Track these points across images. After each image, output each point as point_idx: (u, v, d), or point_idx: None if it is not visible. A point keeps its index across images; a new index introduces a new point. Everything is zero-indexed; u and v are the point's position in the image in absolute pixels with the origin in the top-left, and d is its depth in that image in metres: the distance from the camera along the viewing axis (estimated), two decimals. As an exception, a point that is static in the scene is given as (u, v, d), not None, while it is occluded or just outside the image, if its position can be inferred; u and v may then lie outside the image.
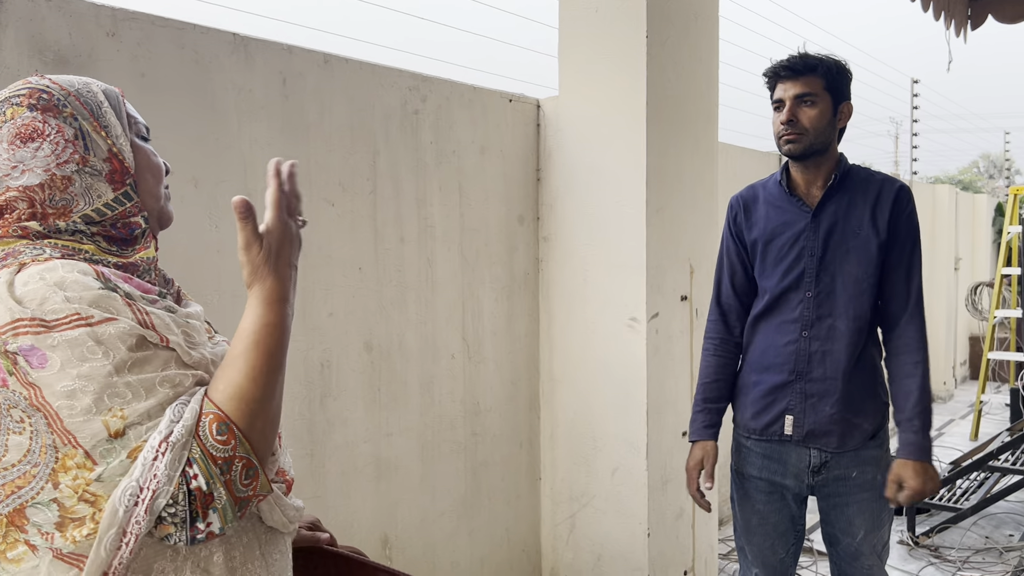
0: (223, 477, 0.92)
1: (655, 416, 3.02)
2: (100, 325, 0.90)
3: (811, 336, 2.07)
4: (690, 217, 3.19)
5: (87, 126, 1.02)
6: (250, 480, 0.95)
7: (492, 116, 3.04)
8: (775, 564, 2.18)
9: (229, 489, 0.92)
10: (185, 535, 0.91)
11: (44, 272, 0.91)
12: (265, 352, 0.97)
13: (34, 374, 0.88)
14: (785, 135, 2.05)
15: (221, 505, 0.92)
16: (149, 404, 0.91)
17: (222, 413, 0.94)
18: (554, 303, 3.23)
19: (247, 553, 1.05)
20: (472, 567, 2.99)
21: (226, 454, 0.92)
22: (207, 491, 0.91)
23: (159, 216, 1.13)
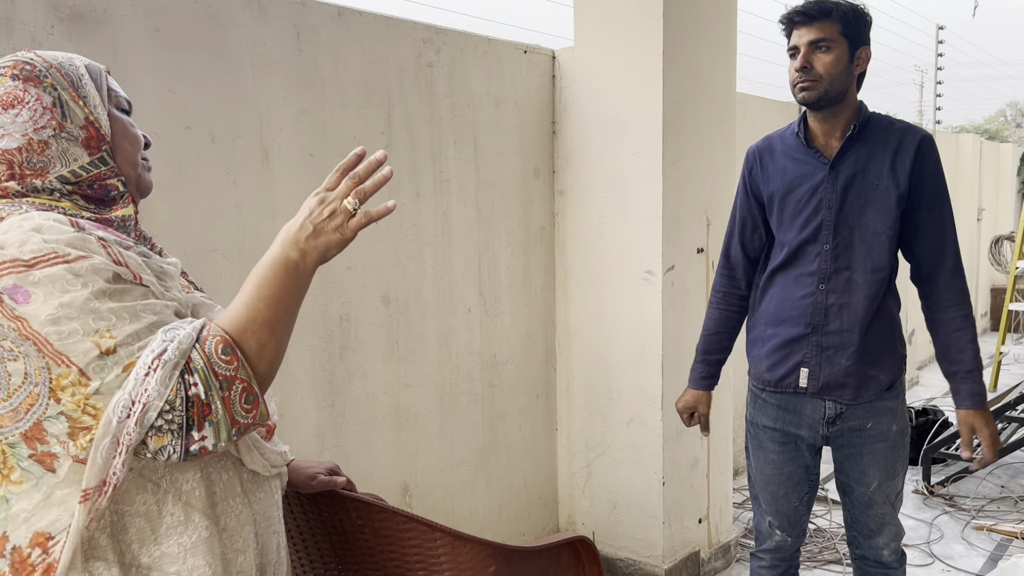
0: (222, 393, 0.97)
1: (671, 368, 3.05)
2: (77, 261, 0.95)
3: (828, 289, 2.06)
4: (707, 168, 3.16)
5: (65, 96, 1.08)
6: (250, 406, 1.00)
7: (507, 68, 3.01)
8: (788, 512, 2.21)
9: (227, 407, 0.98)
10: (180, 444, 0.95)
11: (22, 220, 0.97)
12: (283, 285, 1.04)
13: (19, 309, 0.93)
14: (799, 82, 2.01)
15: (217, 419, 0.97)
16: (137, 327, 0.97)
17: (228, 336, 1.00)
18: (570, 257, 3.23)
19: (227, 490, 1.10)
20: (490, 514, 3.06)
21: (228, 372, 0.98)
22: (205, 400, 0.96)
23: (137, 183, 1.17)
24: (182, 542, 1.04)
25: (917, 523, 3.84)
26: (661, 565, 3.10)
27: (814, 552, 3.47)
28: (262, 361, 1.02)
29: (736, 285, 2.27)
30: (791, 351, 2.10)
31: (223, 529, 1.09)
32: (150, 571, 1.03)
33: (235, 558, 1.10)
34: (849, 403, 2.07)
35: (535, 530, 3.28)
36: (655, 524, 3.11)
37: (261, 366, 1.02)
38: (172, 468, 1.04)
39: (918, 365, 7.10)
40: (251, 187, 2.23)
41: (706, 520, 3.32)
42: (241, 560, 1.11)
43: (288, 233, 1.06)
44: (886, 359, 2.08)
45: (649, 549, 3.13)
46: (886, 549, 2.15)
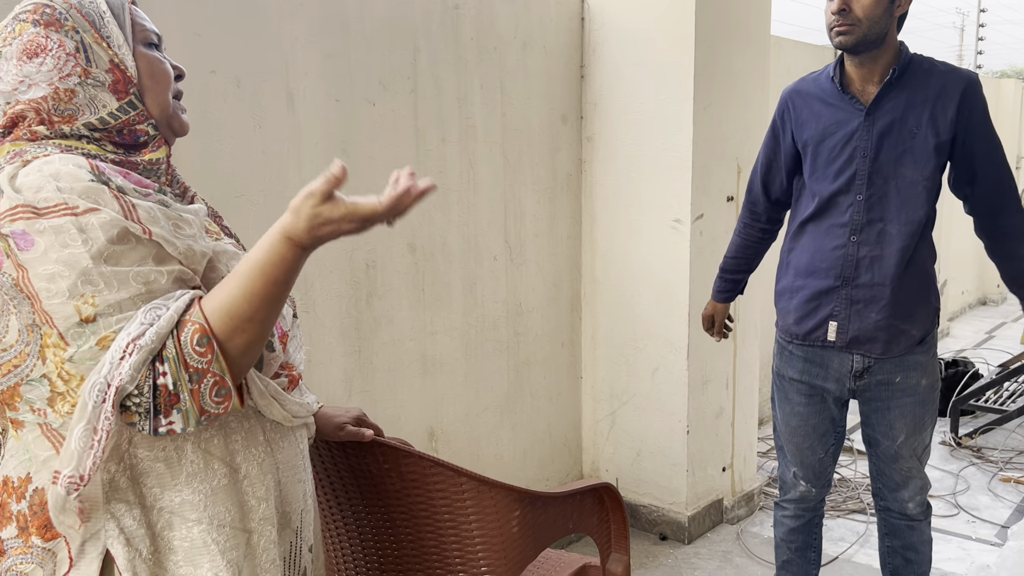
0: (191, 386, 0.95)
1: (697, 318, 3.03)
2: (84, 215, 0.94)
3: (860, 241, 2.01)
4: (739, 114, 3.09)
5: (88, 38, 1.05)
6: (220, 399, 0.98)
7: (535, 10, 2.94)
8: (814, 464, 2.20)
9: (195, 399, 0.96)
10: (149, 425, 0.95)
11: (43, 164, 0.96)
12: (269, 281, 0.99)
13: (21, 256, 0.94)
14: (836, 26, 1.91)
15: (185, 408, 0.96)
16: (120, 296, 0.95)
17: (207, 326, 0.96)
18: (597, 205, 3.20)
19: (249, 438, 1.10)
20: (515, 459, 3.10)
21: (200, 365, 0.96)
22: (172, 391, 0.94)
23: (169, 124, 1.14)
24: (202, 489, 1.05)
25: (943, 474, 3.83)
26: (684, 512, 3.13)
27: (838, 501, 3.48)
28: (242, 356, 1.00)
29: (757, 219, 2.31)
30: (820, 304, 2.07)
31: (244, 477, 1.09)
32: (172, 516, 1.04)
33: (257, 505, 1.10)
34: (878, 357, 2.04)
35: (559, 476, 3.32)
36: (679, 472, 3.13)
37: (240, 360, 1.00)
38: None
39: (949, 316, 7.02)
40: (277, 132, 2.22)
41: (730, 468, 3.33)
42: (263, 508, 1.11)
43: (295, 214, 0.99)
44: (919, 313, 2.04)
45: (672, 496, 3.16)
46: (911, 502, 2.15)
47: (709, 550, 3.12)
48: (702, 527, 3.22)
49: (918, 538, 2.19)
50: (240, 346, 0.99)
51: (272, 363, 1.13)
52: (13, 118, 1.05)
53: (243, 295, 0.98)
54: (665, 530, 3.19)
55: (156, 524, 1.04)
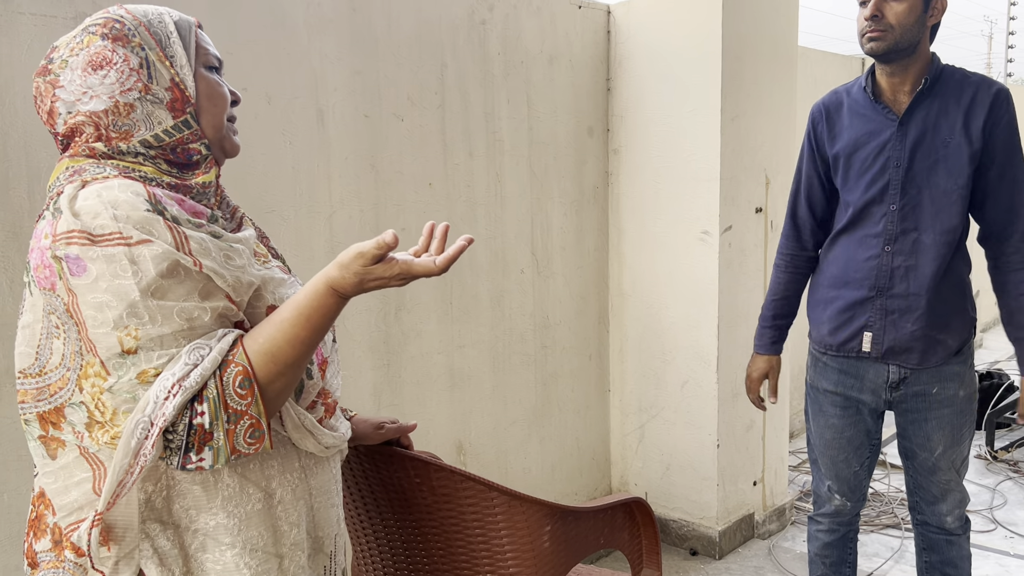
0: (227, 426, 0.97)
1: (726, 330, 3.00)
2: (137, 246, 0.95)
3: (894, 251, 1.99)
4: (767, 125, 3.08)
5: (153, 56, 1.07)
6: (254, 441, 1.00)
7: (561, 24, 2.95)
8: (848, 477, 2.17)
9: (229, 439, 0.97)
10: (177, 461, 0.96)
11: (102, 190, 0.97)
12: (312, 328, 1.02)
13: (73, 281, 0.95)
14: (868, 32, 1.91)
15: (217, 447, 0.97)
16: (162, 331, 0.96)
17: (251, 368, 0.98)
18: (624, 217, 3.19)
19: (285, 464, 1.11)
20: (543, 473, 3.08)
21: (239, 407, 0.98)
22: (208, 430, 0.96)
23: (221, 145, 1.15)
24: (237, 513, 1.05)
25: (980, 488, 3.75)
26: (715, 527, 3.10)
27: (872, 516, 3.43)
28: (278, 398, 1.02)
29: (803, 247, 2.21)
30: (854, 314, 2.05)
31: (279, 502, 1.10)
32: (206, 538, 1.04)
33: (289, 531, 1.11)
34: (914, 367, 2.01)
35: (588, 490, 3.30)
36: (709, 486, 3.09)
37: (274, 402, 1.02)
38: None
39: (982, 327, 6.90)
40: (307, 148, 2.24)
41: (761, 482, 3.29)
42: (295, 533, 1.12)
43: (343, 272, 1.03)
44: (955, 323, 2.01)
45: (703, 511, 3.13)
46: (950, 516, 2.11)
47: (740, 565, 3.08)
48: (733, 542, 3.18)
49: (957, 553, 2.14)
50: (278, 389, 1.01)
51: (310, 391, 1.13)
52: (72, 128, 1.06)
53: (286, 340, 1.01)
54: (695, 545, 3.15)
55: (190, 546, 1.04)
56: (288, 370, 1.01)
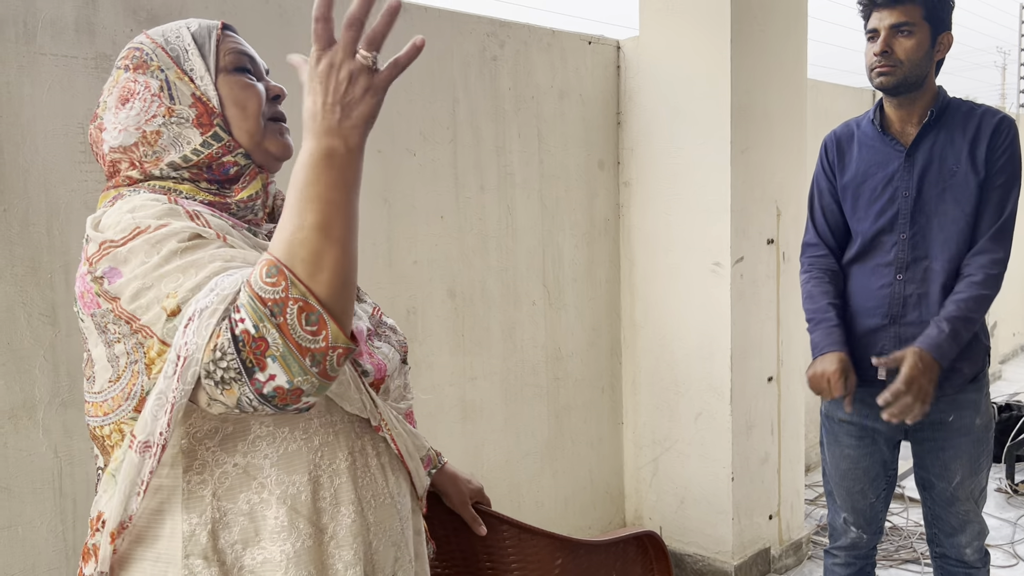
0: (275, 320, 0.82)
1: (739, 362, 2.99)
2: (157, 231, 0.92)
3: (906, 279, 2.00)
4: (777, 157, 3.09)
5: (172, 75, 1.03)
6: (314, 327, 0.84)
7: (571, 60, 2.99)
8: (864, 509, 2.15)
9: (285, 333, 0.82)
10: (250, 391, 0.84)
11: (123, 203, 0.96)
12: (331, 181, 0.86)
13: (112, 290, 0.92)
14: (878, 67, 1.96)
15: (280, 352, 0.83)
16: (199, 279, 0.89)
17: (272, 257, 0.85)
18: (635, 249, 3.20)
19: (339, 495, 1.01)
20: (556, 507, 3.06)
21: (276, 295, 0.83)
22: (256, 334, 0.82)
23: (263, 149, 1.07)
24: (285, 549, 0.96)
25: (1000, 523, 3.69)
26: (730, 561, 3.06)
27: (890, 551, 3.37)
28: (321, 271, 0.85)
29: (840, 265, 2.14)
30: (869, 343, 2.04)
31: (331, 538, 1.00)
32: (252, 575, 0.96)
33: (343, 571, 1.00)
34: (930, 396, 2.00)
35: (601, 524, 3.26)
36: (724, 520, 3.06)
37: (321, 277, 0.85)
38: (278, 468, 0.97)
39: (1001, 359, 6.82)
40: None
41: (777, 516, 3.25)
42: (349, 574, 1.00)
43: (316, 123, 0.88)
44: (969, 350, 2.00)
45: (718, 545, 3.09)
46: (969, 548, 2.08)
47: (757, 601, 3.03)
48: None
49: (977, 588, 2.11)
50: (308, 258, 0.84)
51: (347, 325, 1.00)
52: (112, 165, 1.04)
53: (294, 206, 0.86)
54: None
55: None
56: (313, 234, 0.85)
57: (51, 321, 1.78)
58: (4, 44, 1.70)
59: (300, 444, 0.99)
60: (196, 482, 0.96)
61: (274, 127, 1.08)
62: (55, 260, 1.79)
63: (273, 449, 0.98)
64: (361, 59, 0.87)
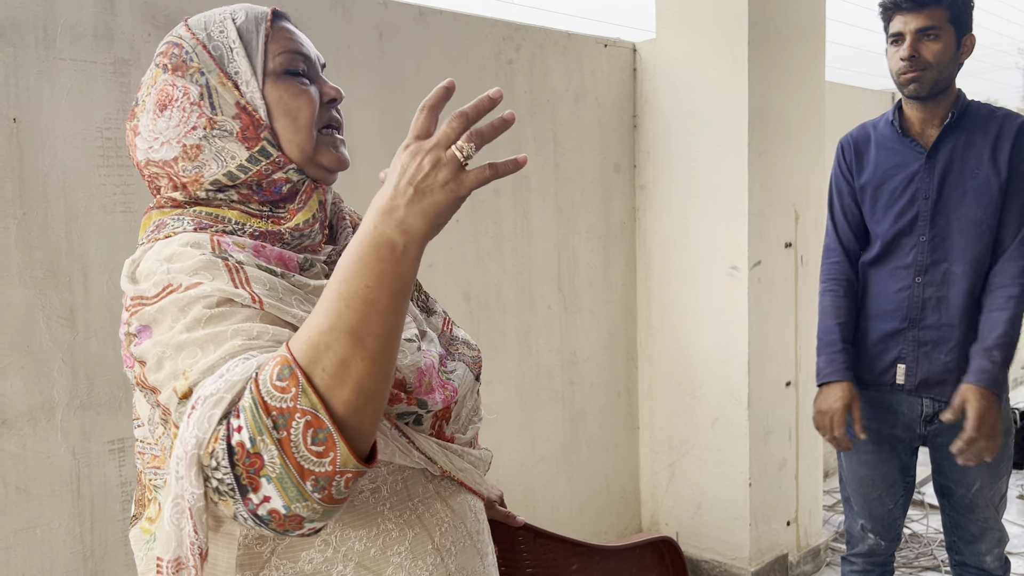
0: (276, 434, 0.69)
1: (757, 366, 2.97)
2: (188, 290, 0.81)
3: (925, 282, 1.98)
4: (795, 161, 3.07)
5: (213, 80, 0.91)
6: (320, 448, 0.70)
7: (587, 63, 2.99)
8: (883, 515, 2.12)
9: (286, 451, 0.69)
10: (243, 508, 0.71)
11: (163, 248, 0.86)
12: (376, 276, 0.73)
13: (137, 352, 0.83)
14: (907, 72, 1.94)
15: (276, 474, 0.69)
16: (213, 359, 0.76)
17: (290, 356, 0.71)
18: (651, 252, 3.19)
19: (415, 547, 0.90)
20: (571, 512, 3.05)
21: (283, 404, 0.69)
22: (251, 449, 0.69)
23: (317, 163, 0.95)
24: None
25: (1021, 530, 3.64)
26: (748, 568, 3.03)
27: (910, 558, 3.33)
28: (343, 385, 0.71)
29: (856, 274, 2.13)
30: (887, 346, 2.03)
31: None
32: None
33: None
34: (948, 401, 1.98)
35: (617, 529, 3.25)
36: (741, 526, 3.04)
37: (341, 393, 0.71)
38: (342, 523, 0.86)
39: (1021, 364, 6.74)
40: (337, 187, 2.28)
41: (795, 523, 3.22)
42: None
43: (380, 204, 0.75)
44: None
45: (735, 551, 3.06)
46: (989, 555, 2.05)
47: (775, 608, 3.00)
48: (767, 584, 3.11)
49: (998, 597, 2.08)
50: (330, 367, 0.71)
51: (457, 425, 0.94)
52: (151, 180, 0.94)
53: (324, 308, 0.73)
54: (728, 586, 3.09)
55: None
56: (342, 339, 0.71)
57: (69, 324, 1.80)
58: (24, 49, 1.72)
59: (367, 495, 0.87)
60: (253, 535, 0.85)
61: (327, 138, 0.96)
62: (73, 263, 1.80)
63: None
64: (456, 151, 0.75)
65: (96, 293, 1.83)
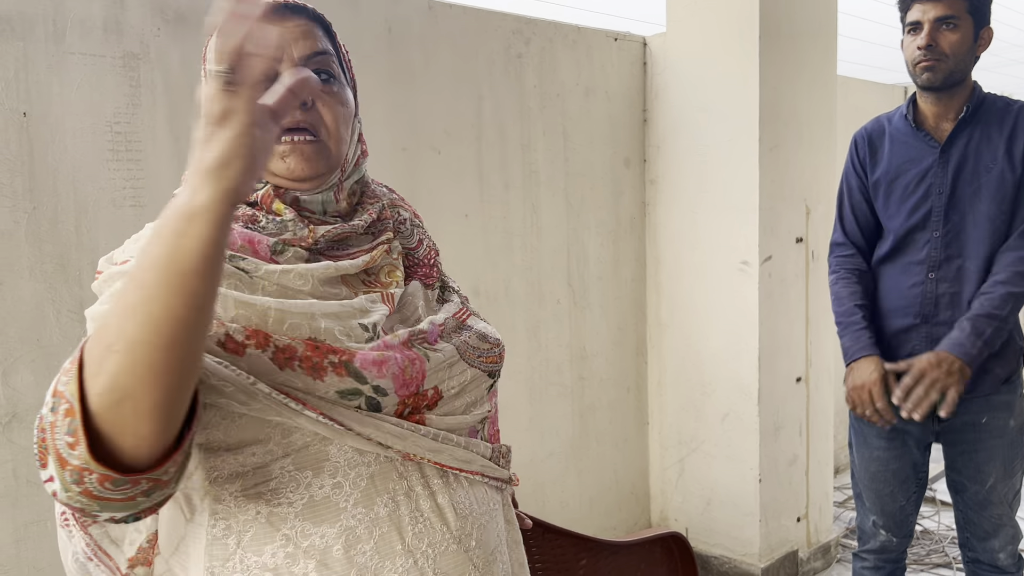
0: (50, 416, 0.67)
1: (767, 362, 2.95)
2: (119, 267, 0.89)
3: (938, 278, 1.96)
4: (806, 155, 3.05)
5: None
6: (71, 438, 0.66)
7: (597, 57, 2.97)
8: (894, 512, 2.11)
9: (52, 435, 0.67)
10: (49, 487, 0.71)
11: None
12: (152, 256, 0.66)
13: None
14: (923, 61, 1.91)
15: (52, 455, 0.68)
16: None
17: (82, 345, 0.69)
18: (661, 247, 3.17)
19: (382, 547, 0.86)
20: (581, 507, 3.04)
21: (61, 387, 0.68)
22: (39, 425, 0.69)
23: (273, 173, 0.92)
24: None
25: (1036, 528, 3.61)
26: (757, 564, 3.02)
27: (921, 555, 3.31)
28: (97, 376, 0.66)
29: (869, 265, 2.12)
30: (900, 342, 2.01)
31: None
32: None
33: None
34: (962, 396, 1.96)
35: (627, 525, 3.24)
36: (751, 522, 3.02)
37: (94, 384, 0.66)
38: (303, 517, 0.84)
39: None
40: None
41: (805, 519, 3.21)
42: None
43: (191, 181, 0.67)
44: (1002, 351, 1.96)
45: (745, 547, 3.05)
46: (1002, 552, 2.03)
47: (785, 605, 2.99)
48: (777, 580, 3.09)
49: (1011, 594, 2.06)
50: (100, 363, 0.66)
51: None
52: None
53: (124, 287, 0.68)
54: (738, 583, 3.08)
55: None
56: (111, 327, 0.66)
57: (79, 318, 1.80)
58: (34, 43, 1.72)
59: (328, 490, 0.85)
60: (221, 527, 0.85)
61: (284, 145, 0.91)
62: (83, 257, 1.80)
63: (298, 496, 0.84)
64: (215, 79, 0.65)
65: (106, 287, 1.83)
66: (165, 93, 1.90)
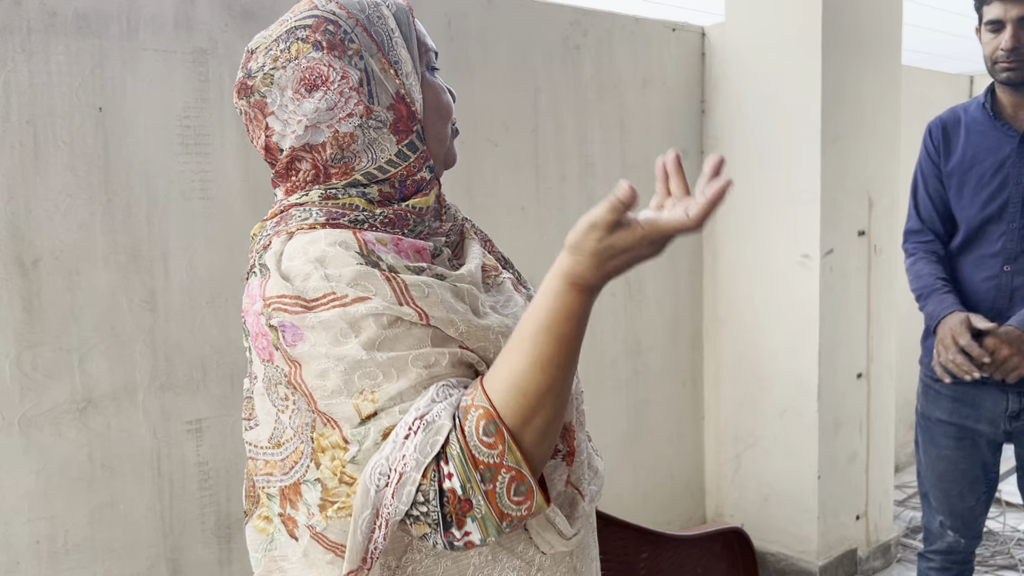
0: (484, 487, 0.78)
1: (827, 357, 2.90)
2: (353, 305, 0.81)
3: (1014, 271, 1.90)
4: (870, 147, 2.98)
5: (374, 65, 0.88)
6: (521, 498, 0.79)
7: (655, 47, 2.95)
8: (963, 512, 2.06)
9: (491, 502, 0.78)
10: (441, 539, 0.80)
11: (308, 245, 0.84)
12: (559, 341, 0.80)
13: (291, 351, 0.83)
14: (1004, 62, 1.88)
15: (481, 515, 0.78)
16: (400, 386, 0.81)
17: (492, 409, 0.79)
18: (719, 240, 3.14)
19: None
20: (635, 502, 3.03)
21: (491, 460, 0.78)
22: (462, 496, 0.78)
23: (444, 160, 0.98)
24: None
25: (1108, 532, 3.48)
26: (815, 561, 2.98)
27: (985, 556, 3.22)
28: (541, 439, 0.80)
29: (945, 248, 2.06)
30: (972, 338, 1.95)
31: None
32: None
33: None
34: (1036, 397, 1.90)
35: (681, 520, 3.22)
36: (809, 519, 2.98)
37: (535, 449, 0.80)
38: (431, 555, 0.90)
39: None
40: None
41: (864, 517, 3.15)
42: None
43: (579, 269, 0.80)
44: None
45: (802, 544, 3.01)
46: (1076, 558, 1.97)
47: (843, 604, 2.94)
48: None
49: (1086, 601, 2.00)
50: (538, 428, 0.80)
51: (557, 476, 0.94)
52: (288, 164, 0.91)
53: (530, 364, 0.79)
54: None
55: None
56: (542, 401, 0.79)
57: (151, 307, 1.85)
58: (109, 40, 1.77)
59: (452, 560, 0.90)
60: None
61: (455, 130, 0.99)
62: (154, 248, 1.85)
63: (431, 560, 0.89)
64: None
65: (175, 278, 1.88)
66: (232, 87, 1.94)
